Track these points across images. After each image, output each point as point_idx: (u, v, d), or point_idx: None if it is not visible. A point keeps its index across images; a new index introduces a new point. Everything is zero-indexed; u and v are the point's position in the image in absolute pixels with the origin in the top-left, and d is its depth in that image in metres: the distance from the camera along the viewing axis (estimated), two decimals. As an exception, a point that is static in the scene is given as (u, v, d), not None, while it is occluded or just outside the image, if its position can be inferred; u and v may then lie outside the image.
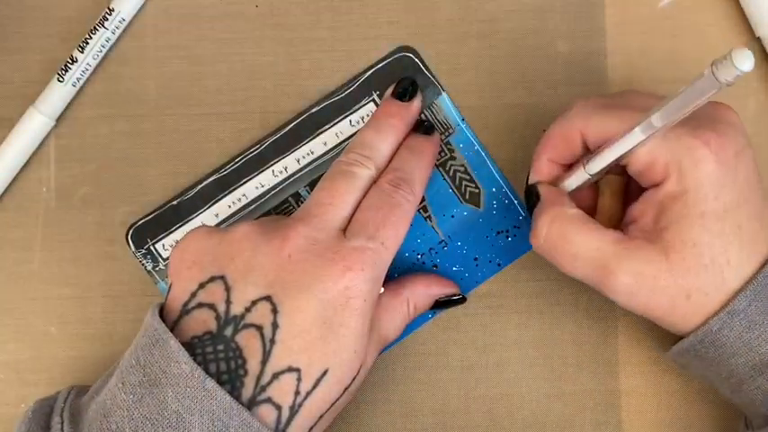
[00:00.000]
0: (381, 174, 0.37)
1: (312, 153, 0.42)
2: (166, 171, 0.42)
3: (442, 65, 0.42)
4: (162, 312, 0.34)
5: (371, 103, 0.41)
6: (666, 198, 0.34)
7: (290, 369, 0.33)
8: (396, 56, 0.42)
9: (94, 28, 0.41)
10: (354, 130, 0.41)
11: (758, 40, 0.42)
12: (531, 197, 0.37)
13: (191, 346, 0.32)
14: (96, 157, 0.42)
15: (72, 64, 0.41)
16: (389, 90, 0.41)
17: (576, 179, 0.36)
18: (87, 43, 0.41)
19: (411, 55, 0.42)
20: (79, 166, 0.42)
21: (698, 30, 0.42)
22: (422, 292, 0.39)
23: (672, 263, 0.33)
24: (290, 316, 0.33)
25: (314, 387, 0.33)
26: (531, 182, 0.38)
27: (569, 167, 0.37)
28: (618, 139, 0.34)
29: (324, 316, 0.33)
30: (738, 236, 0.33)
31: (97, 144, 0.42)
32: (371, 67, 0.42)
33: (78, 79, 0.41)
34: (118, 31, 0.41)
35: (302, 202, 0.39)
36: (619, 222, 0.37)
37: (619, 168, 0.36)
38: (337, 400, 0.34)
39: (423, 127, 0.40)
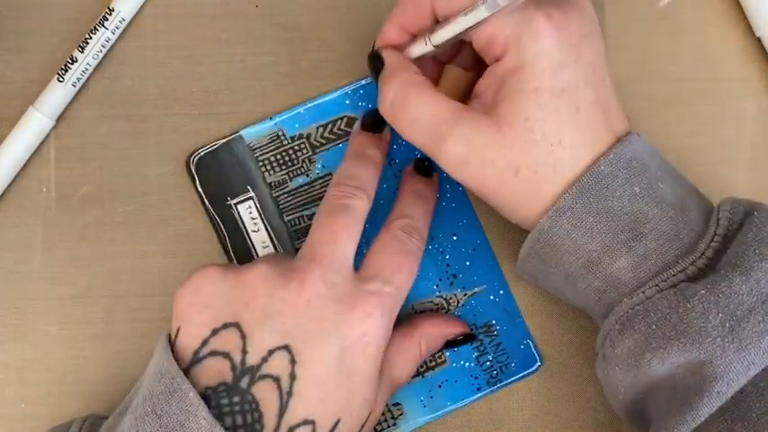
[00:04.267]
0: (390, 218, 0.38)
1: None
2: (166, 171, 0.42)
3: (442, 65, 0.42)
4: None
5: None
6: (505, 72, 0.33)
7: (305, 422, 0.32)
8: None
9: (94, 28, 0.41)
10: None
11: (758, 40, 0.42)
12: (375, 62, 0.37)
13: (206, 398, 0.31)
14: (96, 157, 0.42)
15: (72, 64, 0.41)
16: (357, 124, 0.41)
17: (419, 48, 0.36)
18: (87, 43, 0.41)
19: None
20: (79, 166, 0.42)
21: (698, 30, 0.42)
22: (433, 333, 0.39)
23: (503, 135, 0.33)
24: (308, 366, 0.32)
25: None
26: (377, 46, 0.37)
27: (417, 36, 0.36)
28: (463, 15, 0.33)
29: (341, 364, 0.32)
30: (575, 118, 0.33)
31: (97, 144, 0.42)
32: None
33: (78, 79, 0.41)
34: (118, 31, 0.41)
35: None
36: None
37: (465, 58, 0.35)
38: None
39: (423, 167, 0.40)
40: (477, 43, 0.34)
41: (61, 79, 0.41)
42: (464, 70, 0.38)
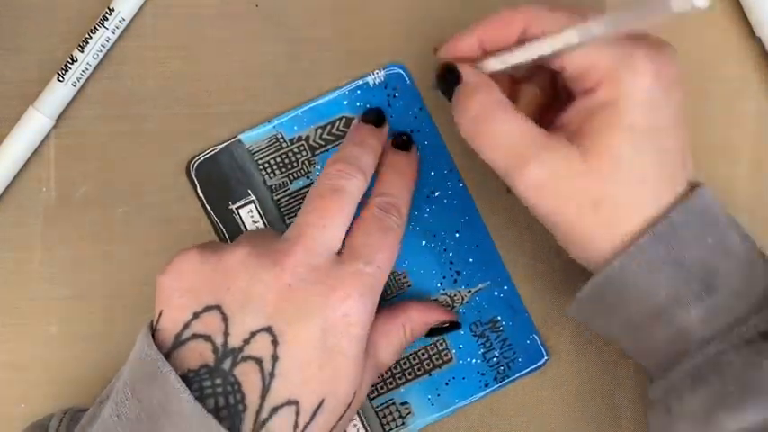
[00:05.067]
0: (370, 196, 0.37)
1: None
2: (166, 171, 0.42)
3: (442, 65, 0.42)
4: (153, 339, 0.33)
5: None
6: (597, 105, 0.33)
7: (288, 402, 0.32)
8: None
9: (94, 28, 0.41)
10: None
11: (758, 39, 0.42)
12: (450, 76, 0.36)
13: (187, 380, 0.31)
14: (96, 157, 0.42)
15: (72, 64, 0.41)
16: (357, 118, 0.41)
17: (493, 64, 0.35)
18: (87, 43, 0.41)
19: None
20: (79, 166, 0.42)
21: (698, 30, 0.42)
22: (418, 318, 0.39)
23: (588, 165, 0.32)
24: (290, 347, 0.32)
25: (311, 418, 0.32)
26: (442, 55, 0.37)
27: (489, 54, 0.36)
28: (552, 37, 0.33)
29: (323, 345, 0.33)
30: (660, 159, 0.33)
31: (97, 144, 0.42)
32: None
33: (78, 79, 0.41)
34: (118, 31, 0.41)
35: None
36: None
37: (542, 80, 0.35)
38: (332, 430, 0.34)
39: (401, 141, 0.40)
40: (568, 72, 0.34)
41: (61, 79, 0.41)
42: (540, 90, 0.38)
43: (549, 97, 0.38)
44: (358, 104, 0.41)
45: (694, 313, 0.33)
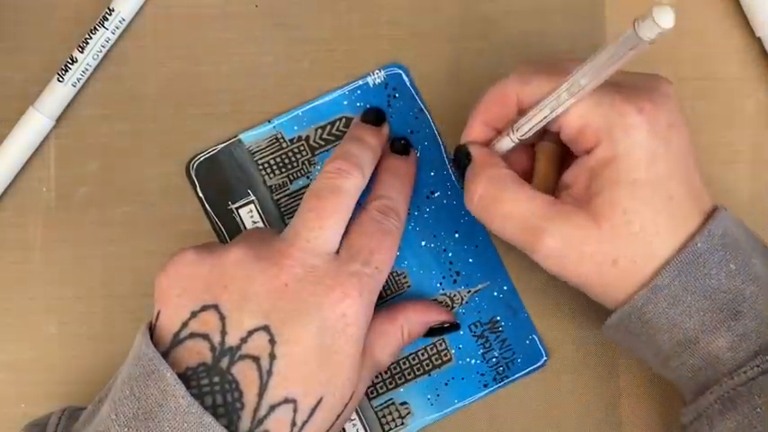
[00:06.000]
0: (368, 198, 0.38)
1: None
2: (166, 171, 0.42)
3: (441, 63, 0.42)
4: (151, 338, 0.33)
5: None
6: (598, 164, 0.33)
7: (286, 400, 0.32)
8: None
9: (94, 28, 0.41)
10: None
11: (758, 40, 0.42)
12: (462, 158, 0.37)
13: (185, 378, 0.32)
14: (96, 157, 0.42)
15: (72, 64, 0.41)
16: (357, 117, 0.41)
17: (506, 142, 0.36)
18: (87, 43, 0.41)
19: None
20: (79, 166, 0.42)
21: (698, 30, 0.42)
22: (416, 318, 0.39)
23: (601, 229, 0.33)
24: (287, 346, 0.32)
25: (309, 417, 0.33)
26: (461, 142, 0.37)
27: (502, 130, 0.36)
28: (545, 100, 0.33)
29: (321, 344, 0.33)
30: (669, 206, 0.33)
31: (97, 144, 0.42)
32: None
33: (78, 79, 0.41)
34: (118, 31, 0.41)
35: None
36: (554, 188, 0.36)
37: (554, 135, 0.35)
38: (329, 429, 0.34)
39: (399, 145, 0.40)
40: (565, 134, 0.34)
41: (61, 79, 0.41)
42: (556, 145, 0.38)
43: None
44: (358, 105, 0.41)
45: (722, 341, 0.33)
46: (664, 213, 0.33)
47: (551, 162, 0.38)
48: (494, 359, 0.41)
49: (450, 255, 0.41)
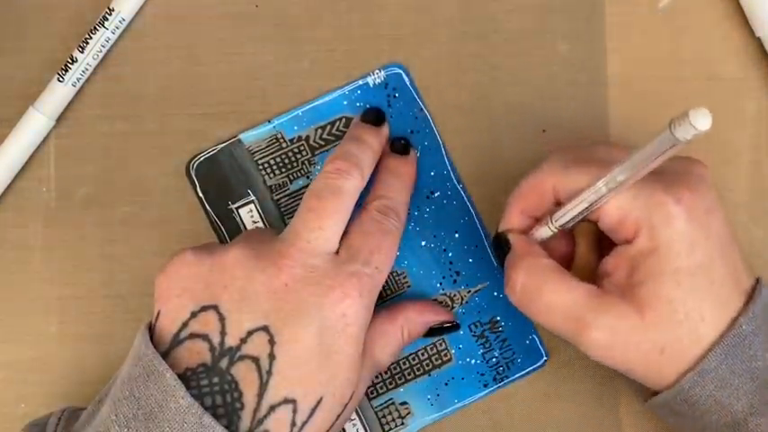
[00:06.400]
0: (367, 198, 0.38)
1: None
2: (166, 171, 0.42)
3: (441, 63, 0.42)
4: (151, 339, 0.33)
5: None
6: (639, 254, 0.33)
7: (285, 401, 0.32)
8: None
9: (94, 28, 0.41)
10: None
11: (758, 39, 0.42)
12: (501, 245, 0.37)
13: (185, 379, 0.32)
14: (96, 157, 0.42)
15: (72, 64, 0.41)
16: (357, 117, 0.41)
17: (544, 231, 0.36)
18: (87, 43, 0.41)
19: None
20: (79, 166, 0.42)
21: (698, 30, 0.42)
22: (416, 318, 0.39)
23: (646, 319, 0.33)
24: (287, 346, 0.32)
25: (309, 417, 0.33)
26: (500, 230, 0.37)
27: (540, 219, 0.37)
28: (583, 194, 0.34)
29: (320, 344, 0.33)
30: (711, 292, 0.33)
31: (97, 144, 0.42)
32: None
33: (78, 79, 0.41)
34: (118, 31, 0.41)
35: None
36: (594, 270, 0.36)
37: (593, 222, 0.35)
38: (329, 429, 0.34)
39: (399, 145, 0.40)
40: (604, 224, 0.34)
41: (61, 79, 0.41)
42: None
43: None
44: (358, 105, 0.41)
45: None
46: (707, 299, 0.33)
47: (591, 246, 0.38)
48: (494, 359, 0.41)
49: (450, 255, 0.41)
